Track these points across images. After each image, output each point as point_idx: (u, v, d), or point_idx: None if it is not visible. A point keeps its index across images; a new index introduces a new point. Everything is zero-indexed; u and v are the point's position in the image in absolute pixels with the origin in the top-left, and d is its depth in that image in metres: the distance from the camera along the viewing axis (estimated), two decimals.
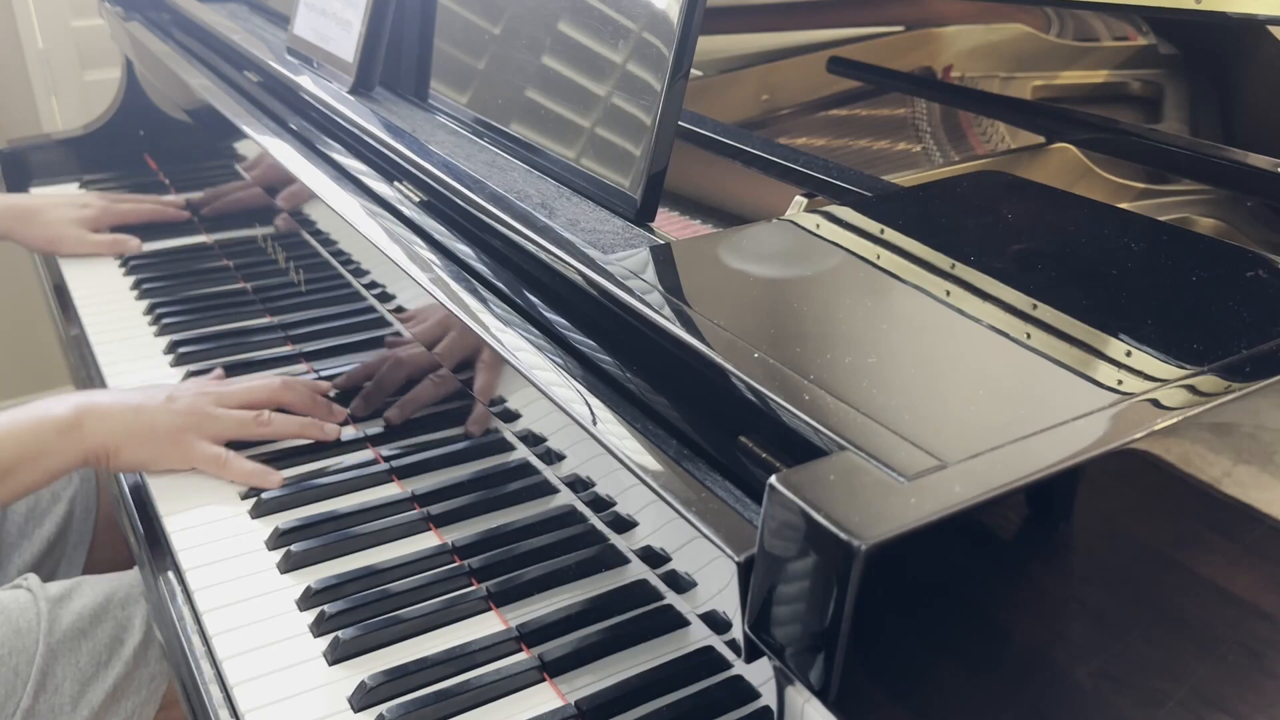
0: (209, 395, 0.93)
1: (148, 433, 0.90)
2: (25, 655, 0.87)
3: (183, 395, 0.93)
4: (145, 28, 1.44)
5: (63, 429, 0.87)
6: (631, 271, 0.62)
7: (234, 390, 0.95)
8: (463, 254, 0.77)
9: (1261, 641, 0.56)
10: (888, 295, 0.59)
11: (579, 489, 0.64)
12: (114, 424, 0.89)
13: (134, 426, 0.89)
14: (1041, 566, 0.48)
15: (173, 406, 0.91)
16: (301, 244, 1.05)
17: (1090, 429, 0.47)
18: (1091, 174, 0.90)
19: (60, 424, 0.88)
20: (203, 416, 0.91)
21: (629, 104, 0.73)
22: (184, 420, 0.90)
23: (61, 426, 0.88)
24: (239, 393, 0.94)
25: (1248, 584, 0.55)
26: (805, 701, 0.48)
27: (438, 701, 0.69)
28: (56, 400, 0.90)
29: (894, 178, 0.81)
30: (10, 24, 1.96)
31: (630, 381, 0.61)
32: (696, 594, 0.54)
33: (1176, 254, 0.64)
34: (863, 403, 0.48)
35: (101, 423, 0.89)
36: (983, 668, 0.47)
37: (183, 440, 0.90)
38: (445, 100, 0.95)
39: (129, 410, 0.90)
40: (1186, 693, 0.54)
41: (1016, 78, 1.13)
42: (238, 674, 0.72)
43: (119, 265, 1.35)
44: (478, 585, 0.78)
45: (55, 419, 0.88)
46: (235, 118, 1.08)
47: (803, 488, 0.43)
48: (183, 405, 0.91)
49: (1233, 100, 1.00)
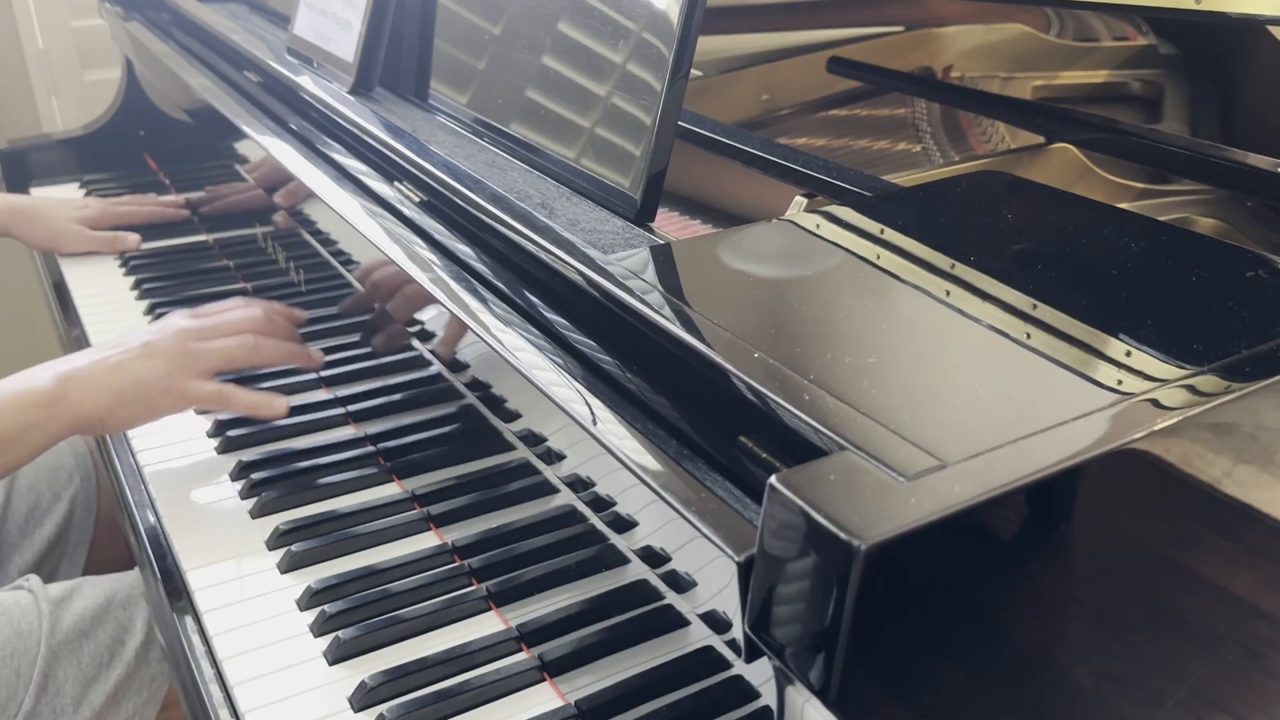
0: (189, 331, 0.89)
1: (135, 388, 0.86)
2: (27, 657, 0.87)
3: (161, 339, 0.89)
4: (145, 28, 1.44)
5: (46, 402, 0.85)
6: (631, 271, 0.62)
7: (215, 323, 0.91)
8: (463, 254, 0.77)
9: (1261, 641, 0.56)
10: (888, 295, 0.59)
11: (579, 489, 0.64)
12: (98, 388, 0.86)
13: (119, 386, 0.86)
14: (1041, 566, 0.48)
15: (155, 354, 0.87)
16: (301, 244, 1.05)
17: (1090, 429, 0.47)
18: (1091, 174, 0.90)
19: (43, 397, 0.85)
20: (188, 356, 0.88)
21: (629, 104, 0.73)
22: (169, 365, 0.87)
23: (44, 399, 0.85)
24: (221, 325, 0.91)
25: (1248, 584, 0.55)
26: (805, 701, 0.48)
27: (438, 701, 0.69)
28: (37, 372, 0.87)
29: (894, 178, 0.81)
30: (10, 24, 1.96)
31: (630, 381, 0.61)
32: (696, 594, 0.54)
33: (1176, 254, 0.64)
34: (863, 403, 0.48)
35: (87, 389, 0.86)
36: (983, 668, 0.47)
37: (174, 386, 0.87)
38: (445, 100, 0.95)
39: (111, 369, 0.87)
40: (1186, 693, 0.54)
41: (1016, 78, 1.13)
42: (238, 674, 0.72)
43: (119, 266, 1.35)
44: (478, 585, 0.78)
45: (36, 392, 0.85)
46: (235, 118, 1.08)
47: (803, 488, 0.43)
48: (165, 350, 0.88)
49: (1233, 100, 1.00)
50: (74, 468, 1.16)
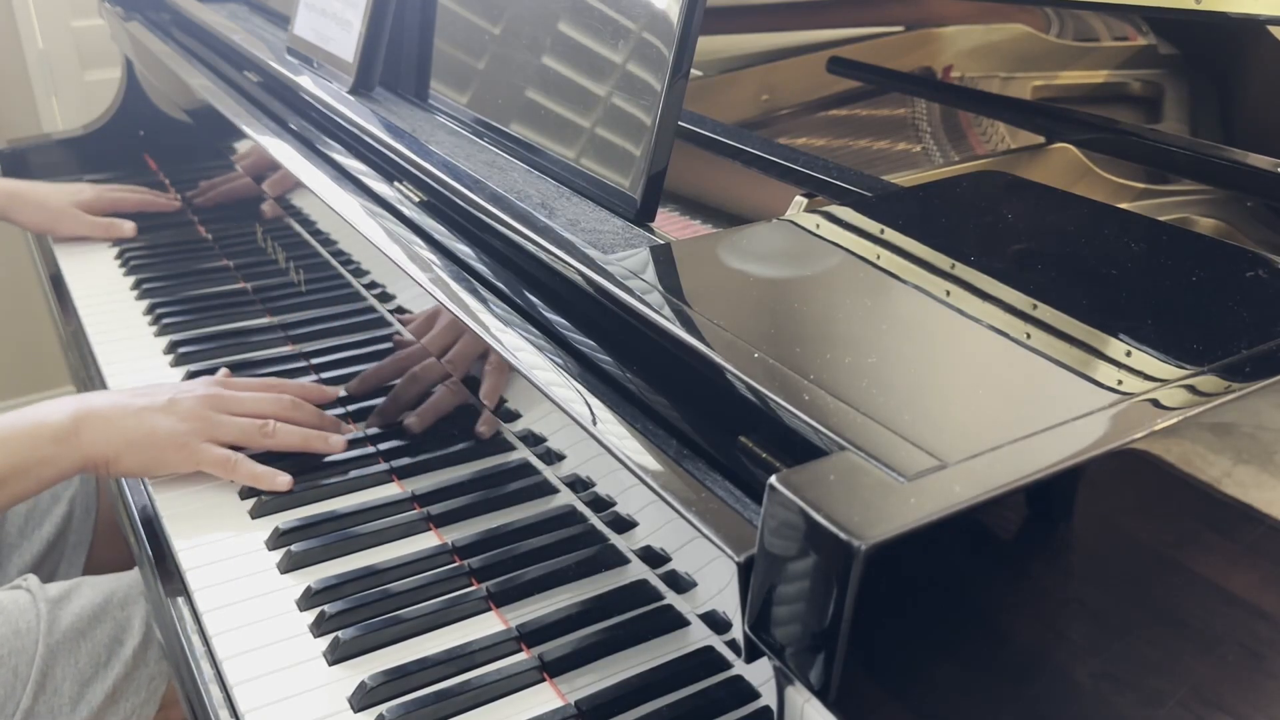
0: (214, 400, 0.91)
1: (148, 440, 0.87)
2: (25, 656, 0.87)
3: (186, 399, 0.90)
4: (145, 28, 1.44)
5: (59, 437, 0.85)
6: (631, 271, 0.62)
7: (241, 398, 0.92)
8: (463, 254, 0.77)
9: (1261, 641, 0.56)
10: (888, 295, 0.59)
11: (579, 489, 0.64)
12: (113, 431, 0.87)
13: (134, 434, 0.87)
14: (1041, 566, 0.48)
15: (175, 411, 0.89)
16: (302, 244, 1.05)
17: (1090, 429, 0.47)
18: (1091, 174, 0.90)
19: (57, 432, 0.85)
20: (206, 422, 0.89)
21: (629, 104, 0.73)
22: (187, 426, 0.88)
23: (58, 434, 0.85)
24: (246, 401, 0.92)
25: (1248, 584, 0.55)
26: (805, 701, 0.48)
27: (438, 701, 0.69)
28: (54, 405, 0.88)
29: (894, 178, 0.81)
30: (10, 24, 1.96)
31: (630, 381, 0.61)
32: (696, 594, 0.54)
33: (1176, 254, 0.64)
34: (863, 403, 0.48)
35: (100, 430, 0.86)
36: (983, 668, 0.47)
37: (186, 445, 0.88)
38: (445, 100, 0.95)
39: (129, 415, 0.88)
40: (1186, 693, 0.54)
41: (1016, 78, 1.13)
42: (238, 674, 0.72)
43: (119, 266, 1.35)
44: (478, 585, 0.78)
45: (52, 426, 0.86)
46: (235, 118, 1.08)
47: (803, 488, 0.43)
48: (185, 410, 0.89)
49: (1233, 100, 1.00)
50: None
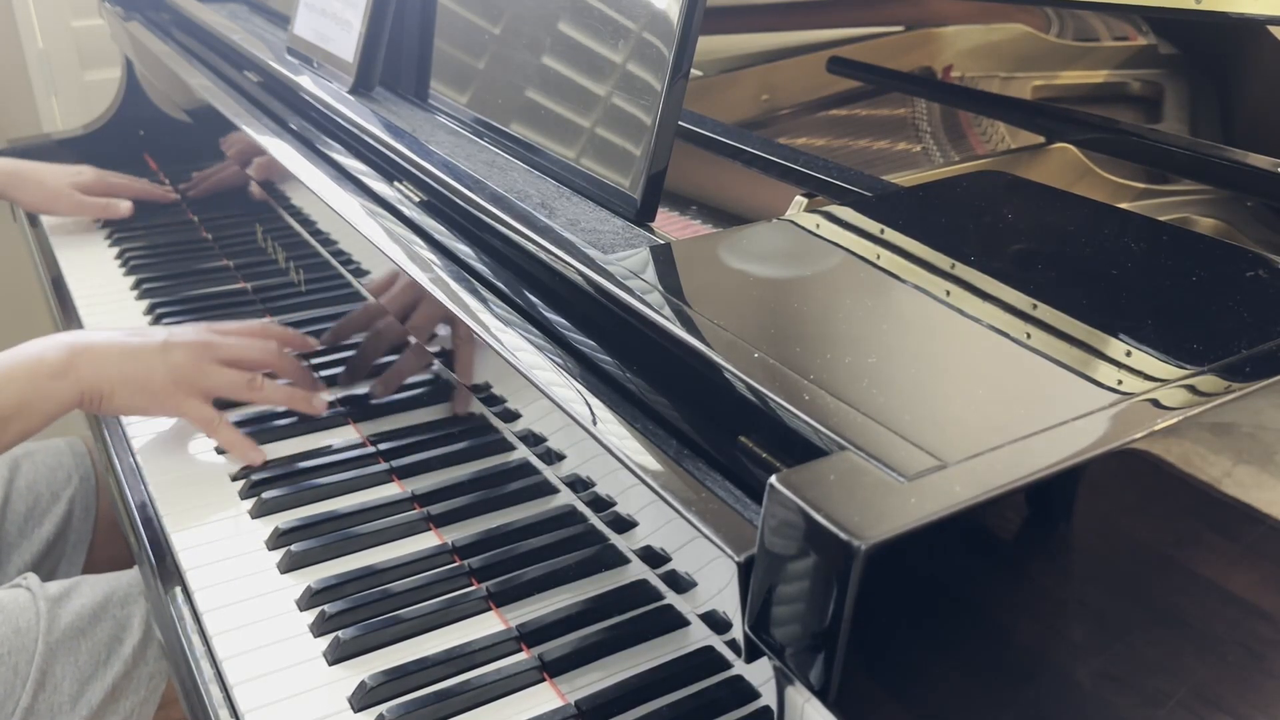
0: (207, 346, 0.94)
1: (141, 381, 0.90)
2: (25, 654, 0.87)
3: (179, 344, 0.93)
4: (145, 28, 1.44)
5: (56, 372, 0.88)
6: (631, 271, 0.62)
7: (231, 345, 0.95)
8: (463, 254, 0.77)
9: (1261, 641, 0.56)
10: (888, 295, 0.59)
11: (579, 489, 0.64)
12: (108, 368, 0.89)
13: (128, 373, 0.90)
14: (1041, 566, 0.48)
15: (169, 358, 0.91)
16: (301, 243, 1.05)
17: (1090, 429, 0.47)
18: (1091, 174, 0.90)
19: (54, 367, 0.88)
20: (197, 372, 0.92)
21: (629, 104, 0.73)
22: (178, 374, 0.91)
23: (55, 370, 0.88)
24: (236, 348, 0.95)
25: (1248, 584, 0.55)
26: (805, 701, 0.48)
27: (438, 701, 0.69)
28: (49, 341, 0.90)
29: (894, 178, 0.81)
30: (10, 24, 1.96)
31: (630, 381, 0.61)
32: (696, 594, 0.54)
33: (1176, 254, 0.64)
34: (863, 403, 0.48)
35: (95, 365, 0.89)
36: (983, 668, 0.47)
37: (175, 394, 0.91)
38: (445, 100, 0.95)
39: (124, 355, 0.91)
40: (1186, 693, 0.54)
41: (1016, 78, 1.13)
42: (238, 674, 0.72)
43: (120, 266, 1.35)
44: (478, 585, 0.78)
45: (50, 363, 0.88)
46: (235, 118, 1.08)
47: (803, 488, 0.43)
48: (178, 358, 0.92)
49: (1233, 100, 1.00)
50: (73, 468, 1.16)
